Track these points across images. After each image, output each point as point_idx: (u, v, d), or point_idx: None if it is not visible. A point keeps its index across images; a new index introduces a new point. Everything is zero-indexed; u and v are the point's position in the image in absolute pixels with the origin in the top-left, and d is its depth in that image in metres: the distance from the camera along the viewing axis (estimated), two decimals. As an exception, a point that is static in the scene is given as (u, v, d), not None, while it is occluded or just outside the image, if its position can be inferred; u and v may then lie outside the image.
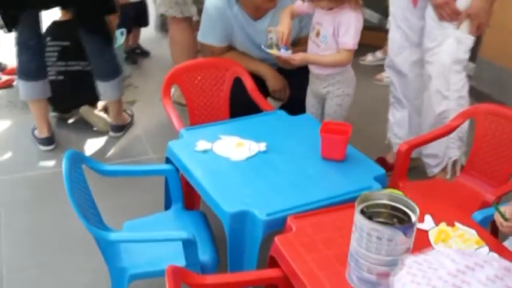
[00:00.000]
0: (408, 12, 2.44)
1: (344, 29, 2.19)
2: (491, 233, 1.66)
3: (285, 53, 2.25)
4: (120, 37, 3.60)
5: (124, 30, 3.67)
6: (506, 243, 1.62)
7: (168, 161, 1.99)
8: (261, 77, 2.55)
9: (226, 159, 1.88)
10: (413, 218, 1.21)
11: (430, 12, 2.32)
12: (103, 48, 2.99)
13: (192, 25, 3.26)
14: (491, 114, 2.15)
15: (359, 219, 1.21)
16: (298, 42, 2.55)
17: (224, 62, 2.48)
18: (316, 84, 2.38)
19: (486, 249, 1.41)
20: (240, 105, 2.44)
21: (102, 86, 3.03)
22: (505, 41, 2.31)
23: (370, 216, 1.23)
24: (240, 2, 2.48)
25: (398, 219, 1.27)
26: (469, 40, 2.32)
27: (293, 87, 2.58)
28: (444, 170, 2.50)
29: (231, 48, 2.63)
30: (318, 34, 2.27)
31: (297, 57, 2.26)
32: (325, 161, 1.88)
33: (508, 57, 3.14)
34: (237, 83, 2.45)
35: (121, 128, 3.19)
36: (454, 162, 2.48)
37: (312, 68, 2.35)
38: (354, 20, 2.19)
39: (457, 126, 2.21)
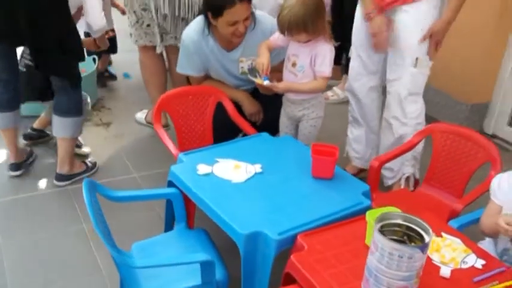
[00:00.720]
0: (368, 43, 2.54)
1: (321, 59, 2.29)
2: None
3: (267, 82, 2.32)
4: (92, 63, 3.50)
5: (96, 57, 3.58)
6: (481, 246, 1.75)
7: (170, 184, 1.99)
8: (237, 102, 2.59)
9: (227, 182, 1.91)
10: (427, 238, 1.29)
11: (391, 48, 2.46)
12: (67, 87, 2.71)
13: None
14: (447, 132, 2.31)
15: (380, 239, 1.28)
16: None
17: (207, 89, 2.53)
18: (292, 108, 2.46)
19: (473, 256, 1.53)
20: (223, 128, 2.50)
21: (56, 120, 2.74)
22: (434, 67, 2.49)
23: (384, 234, 1.30)
24: (213, 36, 2.52)
25: (407, 236, 1.36)
26: (424, 75, 2.47)
27: (266, 110, 2.64)
28: (398, 182, 2.64)
29: (207, 76, 2.67)
30: (294, 64, 2.35)
31: (280, 86, 2.34)
32: (316, 179, 1.95)
33: (440, 81, 3.41)
34: (219, 108, 2.49)
35: (65, 177, 2.82)
36: (408, 178, 2.63)
37: (289, 94, 2.42)
38: (329, 51, 2.30)
39: (417, 143, 2.36)
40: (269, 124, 2.62)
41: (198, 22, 2.54)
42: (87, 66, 3.54)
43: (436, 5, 2.38)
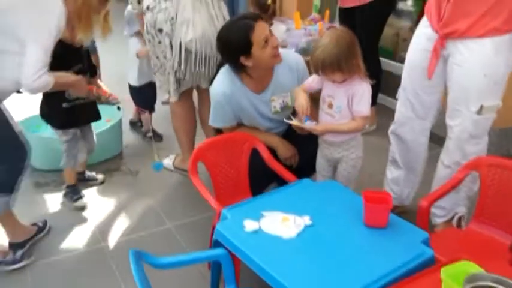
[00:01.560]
0: (419, 88, 2.29)
1: (358, 98, 2.06)
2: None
3: (308, 124, 2.09)
4: (117, 112, 3.26)
5: (120, 105, 3.29)
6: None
7: (216, 243, 1.72)
8: (272, 147, 2.35)
9: (278, 238, 1.65)
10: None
11: (452, 87, 2.18)
12: None
13: (189, 96, 3.05)
14: (494, 166, 2.05)
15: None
16: None
17: (241, 136, 2.30)
18: (330, 150, 2.22)
19: None
20: (259, 175, 2.27)
21: None
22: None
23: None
24: (243, 82, 2.31)
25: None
26: (490, 119, 2.17)
27: (301, 151, 2.40)
28: (449, 221, 2.37)
29: (239, 125, 2.44)
30: (330, 106, 2.12)
31: (319, 128, 2.11)
32: (369, 228, 1.70)
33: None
34: (254, 155, 2.25)
35: (20, 245, 2.35)
36: (460, 217, 2.36)
37: (326, 136, 2.18)
38: (366, 89, 2.07)
39: (463, 178, 2.08)
40: (305, 166, 2.39)
41: (223, 74, 2.34)
42: (113, 115, 3.31)
43: (505, 46, 2.04)
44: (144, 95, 3.53)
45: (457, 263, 1.39)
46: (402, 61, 4.11)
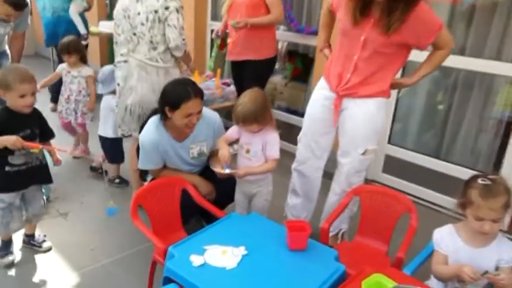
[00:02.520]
0: (318, 134, 2.43)
1: (270, 145, 2.18)
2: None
3: (228, 170, 2.17)
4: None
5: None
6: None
7: (166, 280, 1.68)
8: (193, 185, 2.34)
9: (222, 269, 1.64)
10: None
11: (344, 135, 2.35)
12: None
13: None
14: (371, 192, 2.31)
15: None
16: (212, 153, 2.47)
17: (173, 180, 2.25)
18: (247, 186, 2.30)
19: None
20: (189, 211, 2.29)
21: None
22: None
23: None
24: (167, 131, 2.32)
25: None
26: (370, 160, 2.37)
27: (219, 186, 2.43)
28: (335, 236, 2.54)
29: (165, 166, 2.41)
30: (248, 151, 2.20)
31: (241, 172, 2.17)
32: (293, 252, 1.78)
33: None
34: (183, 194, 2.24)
35: None
36: (343, 233, 2.56)
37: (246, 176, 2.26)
38: (276, 137, 2.20)
39: (349, 202, 2.27)
40: (224, 198, 2.44)
41: (152, 123, 2.32)
42: None
43: (383, 106, 2.29)
44: (118, 147, 3.27)
45: (372, 276, 1.55)
46: (280, 109, 4.45)
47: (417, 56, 2.31)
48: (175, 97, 2.18)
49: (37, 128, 2.28)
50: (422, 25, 2.06)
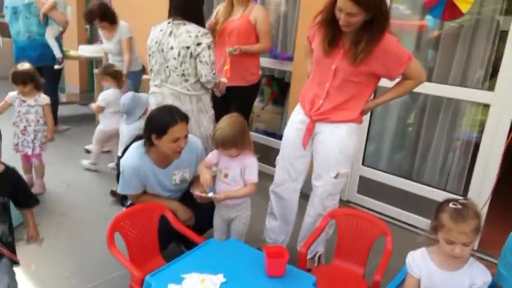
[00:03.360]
0: (294, 158, 2.42)
1: (249, 169, 2.16)
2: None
3: (211, 194, 2.13)
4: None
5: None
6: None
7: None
8: (172, 210, 2.29)
9: None
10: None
11: (317, 158, 2.34)
12: None
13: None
14: (347, 215, 2.30)
15: None
16: (194, 178, 2.43)
17: (151, 206, 2.19)
18: (226, 211, 2.27)
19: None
20: (166, 237, 2.23)
21: None
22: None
23: None
24: (150, 157, 2.27)
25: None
26: (343, 183, 2.37)
27: (198, 211, 2.38)
28: (312, 258, 2.51)
29: (144, 192, 2.36)
30: (226, 176, 2.18)
31: (221, 196, 2.13)
32: (272, 278, 1.75)
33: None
34: (161, 220, 2.18)
35: None
36: (320, 256, 2.53)
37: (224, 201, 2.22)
38: (255, 162, 2.18)
39: (326, 225, 2.27)
40: (203, 223, 2.40)
41: (135, 148, 2.26)
42: None
43: (355, 131, 2.30)
44: None
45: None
46: (258, 131, 4.44)
47: (387, 82, 2.34)
48: (162, 123, 2.14)
49: (7, 196, 1.75)
50: (390, 57, 2.10)
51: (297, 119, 2.40)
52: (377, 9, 1.96)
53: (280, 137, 2.61)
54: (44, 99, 3.29)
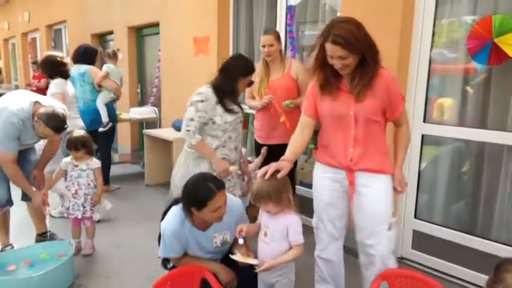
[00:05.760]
0: (333, 218, 2.31)
1: (293, 229, 2.05)
2: None
3: (241, 241, 2.12)
4: (69, 247, 2.91)
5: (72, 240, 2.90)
6: None
7: None
8: (213, 273, 2.20)
9: None
10: None
11: (363, 219, 2.21)
12: None
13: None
14: (400, 276, 2.11)
15: None
16: (235, 240, 2.31)
17: (192, 268, 2.15)
18: (266, 275, 2.15)
19: None
20: None
21: None
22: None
23: None
24: (191, 221, 2.24)
25: None
26: (395, 232, 2.22)
27: (241, 275, 2.27)
28: None
29: (185, 254, 2.30)
30: (265, 234, 2.09)
31: (266, 265, 2.03)
32: None
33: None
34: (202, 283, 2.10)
35: None
36: None
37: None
38: (296, 220, 2.08)
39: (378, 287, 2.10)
40: (245, 285, 2.27)
41: (175, 212, 2.24)
42: (66, 249, 2.97)
43: (391, 181, 2.22)
44: None
45: None
46: (302, 184, 4.31)
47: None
48: (200, 197, 2.10)
49: None
50: (394, 91, 2.09)
51: (326, 178, 2.27)
52: (362, 45, 1.95)
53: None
54: (95, 163, 3.38)
